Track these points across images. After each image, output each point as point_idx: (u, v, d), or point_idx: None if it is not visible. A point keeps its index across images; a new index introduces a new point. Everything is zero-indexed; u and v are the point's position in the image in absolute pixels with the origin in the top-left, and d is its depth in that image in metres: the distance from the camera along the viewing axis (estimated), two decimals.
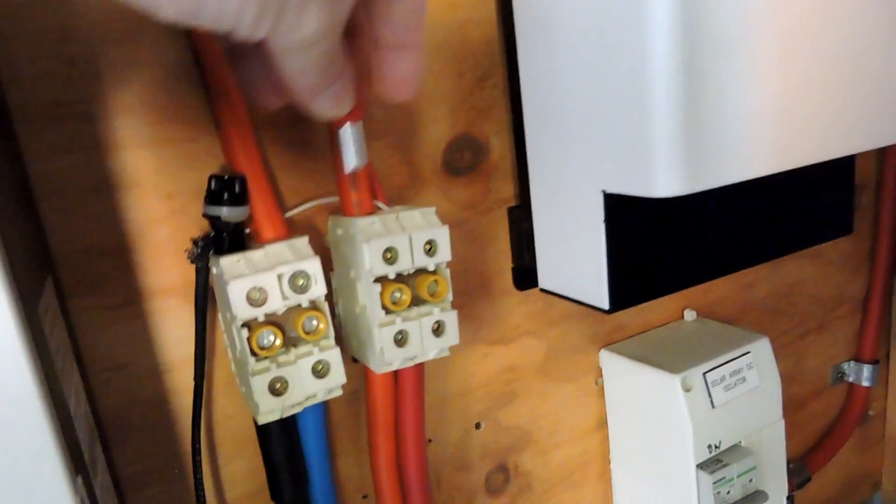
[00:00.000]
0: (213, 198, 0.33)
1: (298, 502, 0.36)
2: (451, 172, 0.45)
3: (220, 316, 0.37)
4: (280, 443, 0.35)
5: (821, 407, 0.73)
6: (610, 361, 0.52)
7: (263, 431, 0.36)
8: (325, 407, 0.39)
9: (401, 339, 0.35)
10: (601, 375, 0.54)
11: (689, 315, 0.57)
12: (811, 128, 0.35)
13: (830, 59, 0.34)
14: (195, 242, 0.34)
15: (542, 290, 0.43)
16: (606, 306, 0.37)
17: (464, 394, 0.48)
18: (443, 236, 0.35)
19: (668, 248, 0.39)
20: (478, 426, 0.49)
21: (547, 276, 0.42)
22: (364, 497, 0.45)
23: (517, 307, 0.49)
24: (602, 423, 0.56)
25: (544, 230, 0.41)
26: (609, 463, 0.56)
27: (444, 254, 0.36)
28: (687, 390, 0.46)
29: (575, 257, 0.38)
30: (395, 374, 0.39)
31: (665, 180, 0.31)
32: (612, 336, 0.55)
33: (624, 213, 0.36)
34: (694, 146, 0.31)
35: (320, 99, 0.25)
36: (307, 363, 0.32)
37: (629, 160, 0.33)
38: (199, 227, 0.37)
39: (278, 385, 0.32)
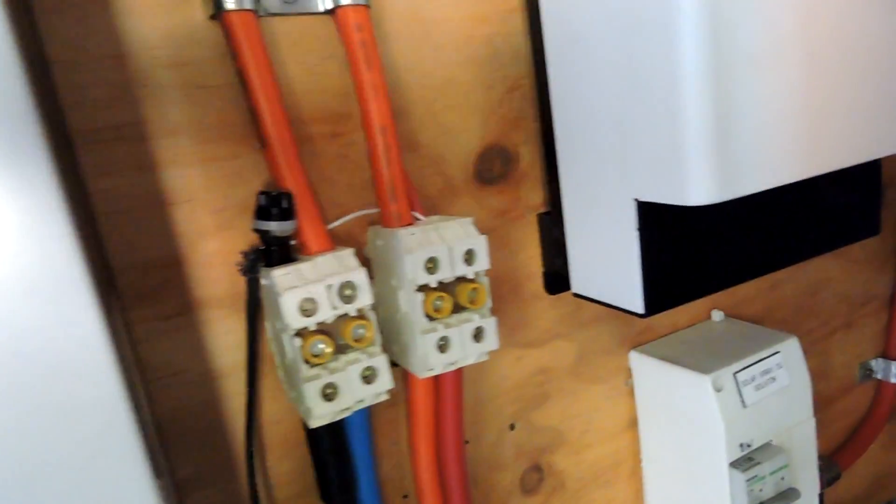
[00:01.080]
0: (262, 213, 0.34)
1: (347, 502, 0.38)
2: (482, 181, 0.46)
3: (267, 325, 0.39)
4: (330, 446, 0.37)
5: (849, 404, 0.73)
6: (640, 362, 0.53)
7: (314, 435, 0.37)
8: (368, 411, 0.40)
9: (443, 346, 0.37)
10: (631, 376, 0.55)
11: (717, 315, 0.58)
12: (838, 134, 0.35)
13: (854, 66, 0.35)
14: (245, 255, 0.36)
15: (576, 295, 0.44)
16: (641, 311, 0.38)
17: (498, 396, 0.50)
18: (481, 246, 0.37)
19: (700, 252, 0.40)
20: (512, 427, 0.51)
21: (580, 281, 0.43)
22: (405, 497, 0.47)
23: (548, 310, 0.50)
24: (632, 423, 0.56)
25: (577, 237, 0.42)
26: (640, 462, 0.57)
27: (483, 262, 0.37)
28: (718, 390, 0.47)
29: (608, 264, 0.40)
30: (435, 378, 0.41)
31: (697, 189, 0.32)
32: (641, 337, 0.56)
33: (656, 221, 0.37)
34: (725, 155, 0.32)
35: None
36: (356, 370, 0.34)
37: (661, 169, 0.34)
38: (246, 240, 0.38)
39: (329, 391, 0.33)
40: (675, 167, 0.33)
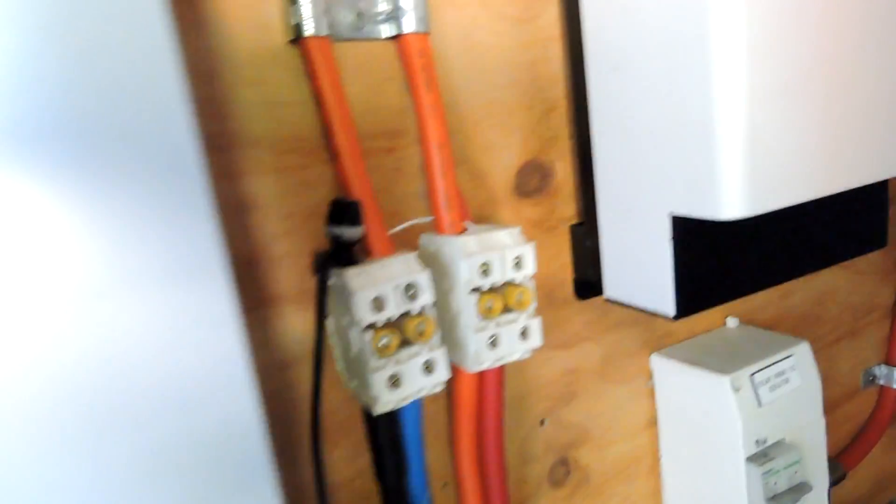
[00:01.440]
0: (335, 219, 0.38)
1: (399, 486, 0.41)
2: (521, 194, 0.50)
3: (329, 320, 0.42)
4: (387, 432, 0.40)
5: (853, 409, 0.77)
6: (661, 364, 0.57)
7: (374, 423, 0.41)
8: (421, 402, 0.44)
9: (493, 342, 0.40)
10: (651, 378, 0.59)
11: (732, 322, 0.61)
12: (855, 155, 0.39)
13: (871, 95, 0.39)
14: (317, 257, 0.39)
15: (608, 300, 0.48)
16: (672, 313, 0.41)
17: (530, 393, 0.53)
18: (529, 253, 0.41)
19: (727, 261, 0.43)
20: (542, 423, 0.54)
21: (613, 286, 0.47)
22: (444, 485, 0.50)
23: (577, 315, 0.54)
24: (652, 422, 0.60)
25: (612, 246, 0.46)
26: (659, 458, 0.60)
27: (530, 267, 0.41)
28: (736, 390, 0.51)
29: (642, 271, 0.43)
30: (479, 374, 0.44)
31: (730, 204, 0.36)
32: (662, 342, 0.59)
33: (688, 232, 0.41)
34: (755, 174, 0.36)
35: None
36: (418, 362, 0.37)
37: (696, 186, 0.38)
38: (311, 244, 0.42)
39: (394, 381, 0.37)
40: (710, 185, 0.37)
